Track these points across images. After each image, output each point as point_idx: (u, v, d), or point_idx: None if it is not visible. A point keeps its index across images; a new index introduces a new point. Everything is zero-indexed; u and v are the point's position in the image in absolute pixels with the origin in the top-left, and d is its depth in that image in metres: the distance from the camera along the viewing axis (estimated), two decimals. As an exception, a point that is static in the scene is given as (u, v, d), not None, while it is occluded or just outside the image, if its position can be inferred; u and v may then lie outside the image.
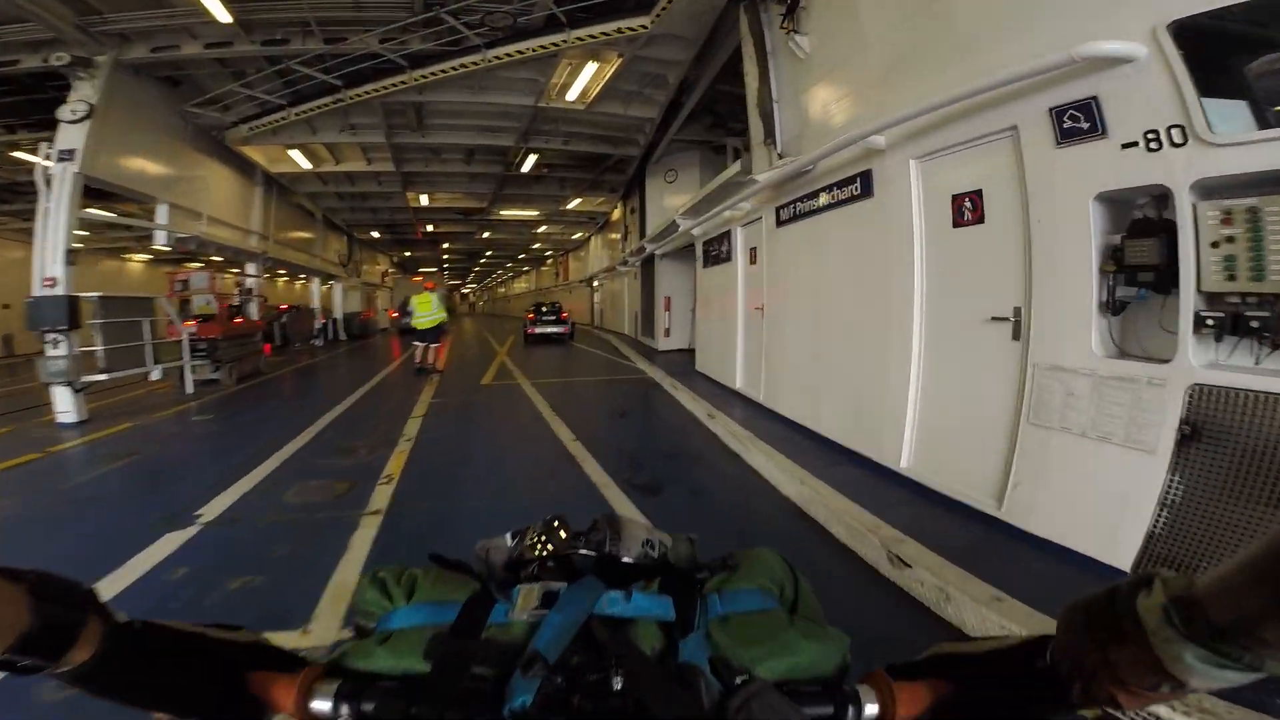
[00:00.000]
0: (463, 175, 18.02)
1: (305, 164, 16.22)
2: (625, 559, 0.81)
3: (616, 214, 23.15)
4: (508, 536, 0.90)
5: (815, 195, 6.15)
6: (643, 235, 16.97)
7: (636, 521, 0.88)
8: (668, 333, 15.33)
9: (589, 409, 8.62)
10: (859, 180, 5.33)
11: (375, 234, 28.14)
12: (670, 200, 15.36)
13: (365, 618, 0.74)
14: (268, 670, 0.63)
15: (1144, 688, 0.45)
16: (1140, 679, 0.44)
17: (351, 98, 11.60)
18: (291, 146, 14.95)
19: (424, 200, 20.76)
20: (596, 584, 0.70)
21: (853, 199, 5.46)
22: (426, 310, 12.89)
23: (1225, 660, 0.39)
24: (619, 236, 22.56)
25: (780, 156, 6.73)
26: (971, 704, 0.60)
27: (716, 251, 9.83)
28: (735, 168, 7.85)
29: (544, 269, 45.09)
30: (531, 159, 15.92)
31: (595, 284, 29.68)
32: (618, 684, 0.56)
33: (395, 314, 32.80)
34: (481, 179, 18.28)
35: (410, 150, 15.70)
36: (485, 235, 29.28)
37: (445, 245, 33.69)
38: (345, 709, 0.60)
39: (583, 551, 0.81)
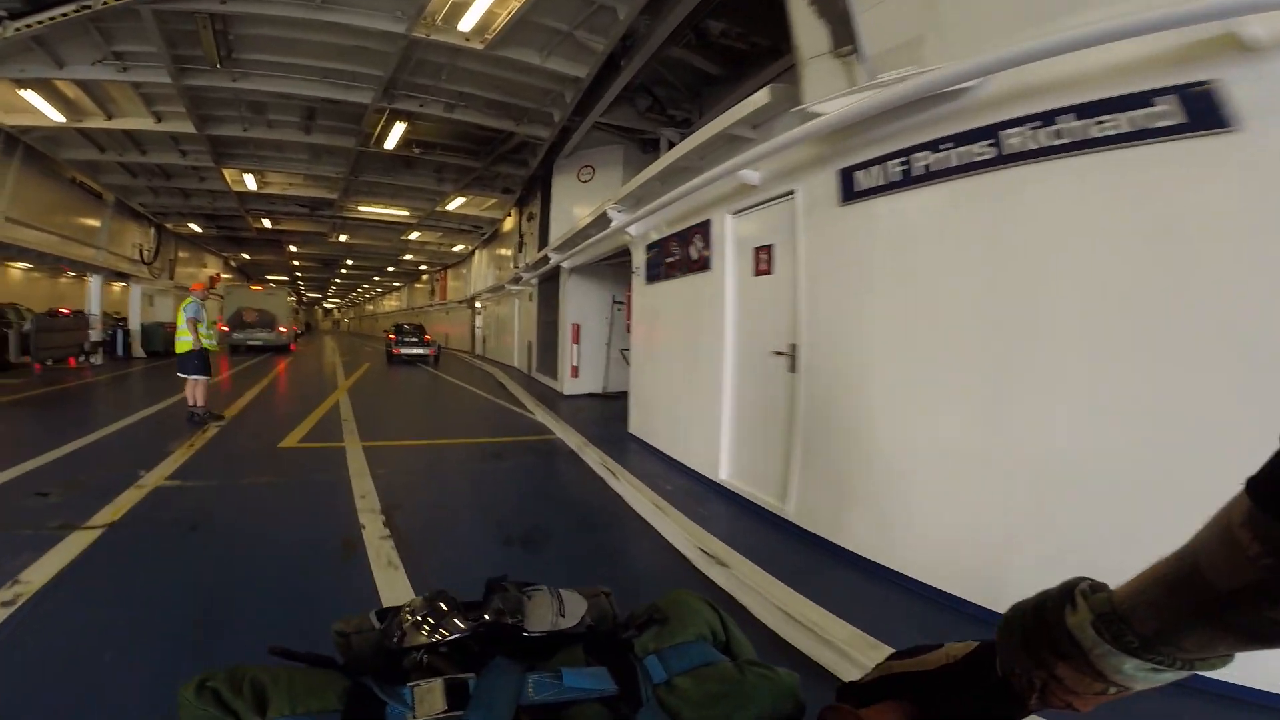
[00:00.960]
0: (301, 148, 13.51)
1: (53, 114, 11.12)
2: (536, 630, 0.71)
3: (509, 223, 19.32)
4: (373, 616, 0.77)
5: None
6: (544, 245, 13.33)
7: (535, 585, 0.78)
8: (576, 371, 11.66)
9: (458, 518, 4.68)
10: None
11: (195, 227, 22.16)
12: (583, 206, 11.92)
13: None
14: None
15: (1093, 693, 0.48)
16: (1088, 687, 0.47)
17: (105, 2, 7.39)
18: (25, 84, 9.94)
19: (250, 183, 15.78)
20: (512, 667, 0.62)
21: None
22: (180, 329, 8.44)
23: (1159, 665, 0.43)
24: (510, 252, 18.71)
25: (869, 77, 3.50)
26: None
27: (677, 256, 6.43)
28: (760, 98, 4.47)
29: (418, 286, 39.85)
30: (398, 130, 11.84)
31: (478, 305, 25.42)
32: None
33: (225, 327, 26.86)
34: (329, 155, 13.83)
35: (217, 102, 11.11)
36: (343, 238, 24.14)
37: (293, 248, 27.86)
38: None
39: (482, 627, 0.70)
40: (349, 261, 32.60)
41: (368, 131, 12.07)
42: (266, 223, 21.17)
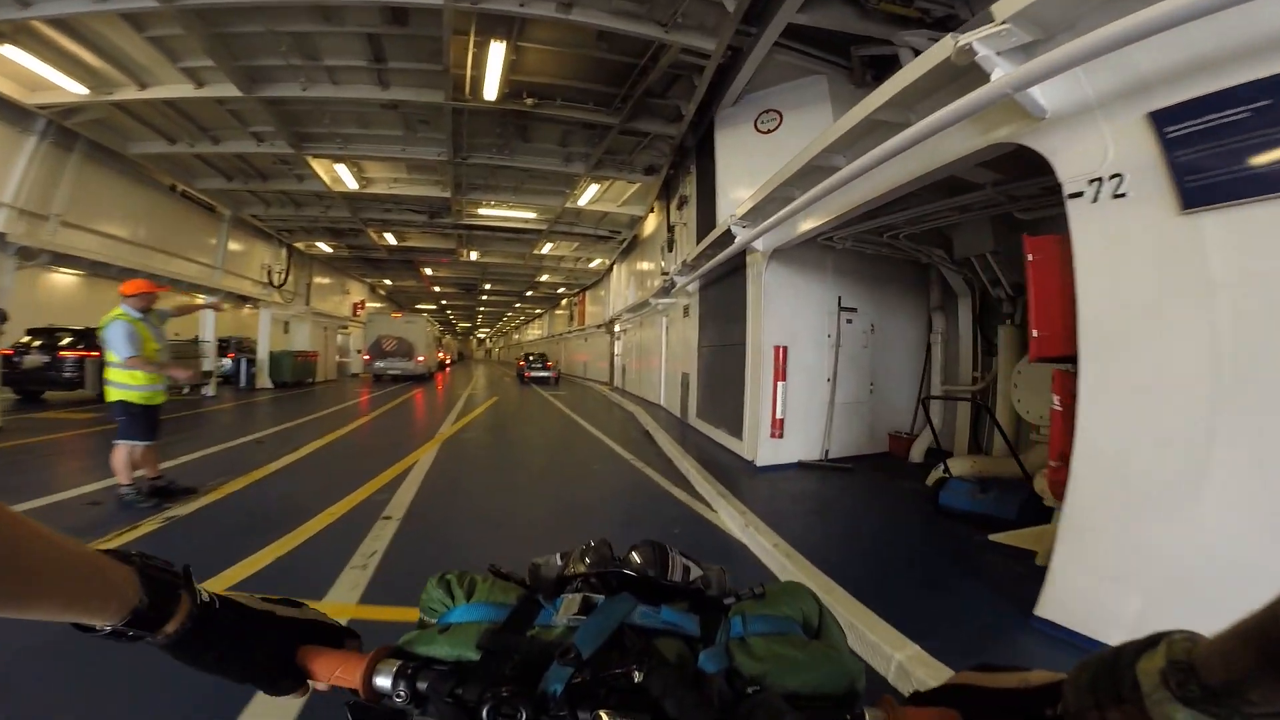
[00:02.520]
0: (387, 119, 10.23)
1: (72, 85, 8.83)
2: (663, 581, 0.88)
3: (653, 223, 15.17)
4: (557, 556, 0.99)
5: None
6: (706, 232, 8.81)
7: (674, 550, 0.93)
8: (779, 428, 6.72)
9: None
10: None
11: (324, 246, 20.55)
12: (763, 166, 7.12)
13: (429, 612, 0.83)
14: (322, 645, 0.72)
15: None
16: None
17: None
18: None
19: (348, 178, 12.97)
20: (630, 599, 0.76)
21: None
22: (114, 359, 4.99)
23: (1214, 718, 0.40)
24: (653, 264, 14.52)
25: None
26: None
27: None
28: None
29: (558, 312, 37.55)
30: (497, 59, 7.96)
31: (616, 329, 21.61)
32: (637, 679, 0.63)
33: (368, 356, 25.50)
34: (422, 126, 10.44)
35: (249, 42, 7.98)
36: (473, 256, 21.51)
37: (428, 270, 26.04)
38: (402, 686, 0.67)
39: (623, 571, 0.89)
40: (487, 286, 30.59)
41: (457, 72, 8.36)
42: (390, 238, 18.86)
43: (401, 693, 0.66)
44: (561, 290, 30.72)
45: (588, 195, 13.51)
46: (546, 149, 11.21)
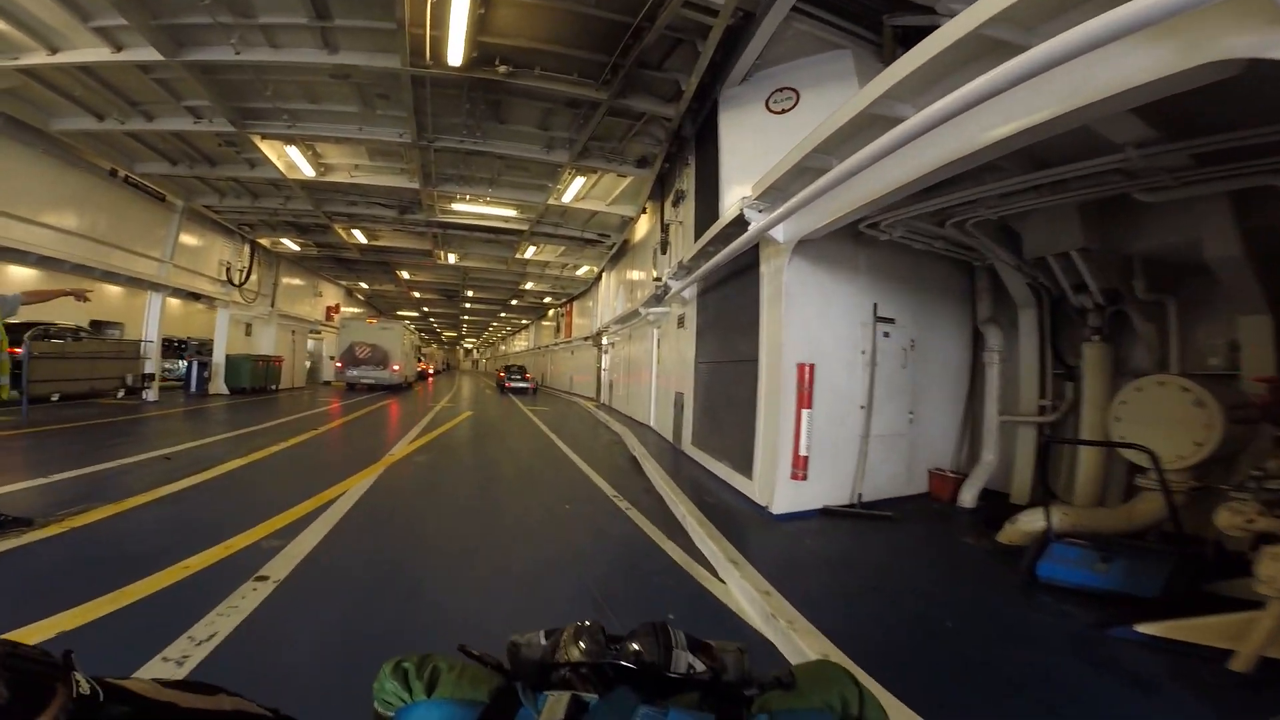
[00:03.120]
0: (339, 93, 8.86)
1: None
2: (667, 673, 0.75)
3: (645, 225, 13.93)
4: (541, 635, 0.85)
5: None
6: (705, 228, 7.47)
7: (680, 630, 0.81)
8: (803, 467, 5.22)
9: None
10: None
11: (290, 243, 19.02)
12: (776, 146, 5.71)
13: (384, 706, 0.73)
14: None
15: None
16: None
17: None
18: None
19: (302, 164, 11.52)
20: (630, 697, 0.66)
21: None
22: None
23: None
24: (643, 274, 13.26)
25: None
26: None
27: None
28: None
29: (545, 323, 36.10)
30: (462, 13, 6.62)
31: (604, 341, 20.22)
32: None
33: (340, 364, 24.06)
34: (381, 101, 9.06)
35: (172, 6, 6.65)
36: (452, 259, 20.08)
37: (405, 274, 24.55)
38: None
39: (620, 662, 0.76)
40: (469, 293, 29.11)
41: (414, 31, 7.01)
42: (359, 235, 17.38)
43: None
44: (548, 300, 29.30)
45: (573, 190, 12.16)
46: (525, 132, 9.84)
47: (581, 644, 0.78)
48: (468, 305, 34.40)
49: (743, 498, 5.93)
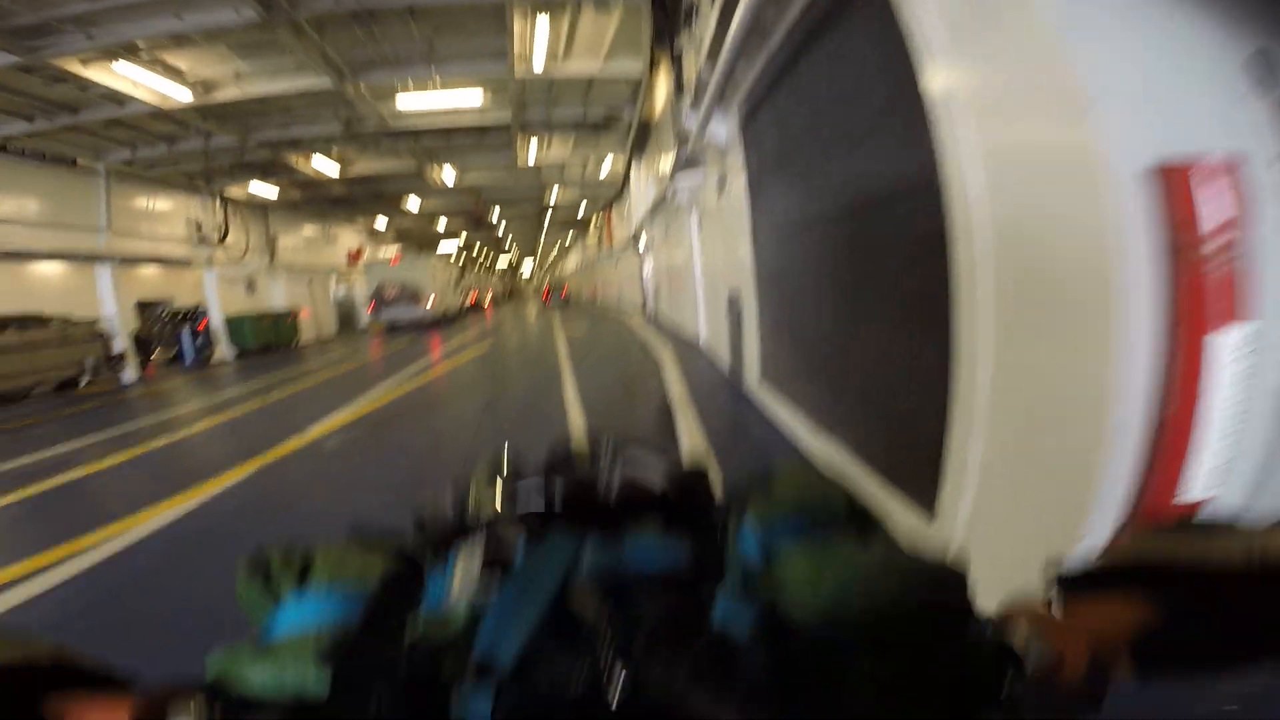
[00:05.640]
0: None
1: None
2: (608, 491, 0.60)
3: (662, 94, 9.97)
4: (446, 492, 0.67)
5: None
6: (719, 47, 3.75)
7: (624, 441, 0.67)
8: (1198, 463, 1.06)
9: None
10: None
11: (262, 189, 16.25)
12: None
13: (252, 619, 0.53)
14: (82, 695, 0.42)
15: None
16: None
17: None
18: None
19: (158, 84, 8.41)
20: (566, 537, 0.49)
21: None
22: None
23: None
24: (668, 154, 9.34)
25: None
26: (1186, 644, 0.39)
27: None
28: None
29: (589, 238, 32.55)
30: None
31: (642, 243, 16.59)
32: (618, 689, 0.36)
33: (373, 306, 22.46)
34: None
35: None
36: (447, 175, 16.74)
37: (413, 207, 21.49)
38: None
39: (538, 494, 0.60)
40: (496, 216, 25.89)
41: None
42: (325, 166, 14.32)
43: None
44: (584, 212, 25.66)
45: (541, 44, 8.36)
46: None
47: (492, 482, 0.62)
48: (501, 230, 31.28)
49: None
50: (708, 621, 0.41)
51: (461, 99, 10.31)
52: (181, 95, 8.90)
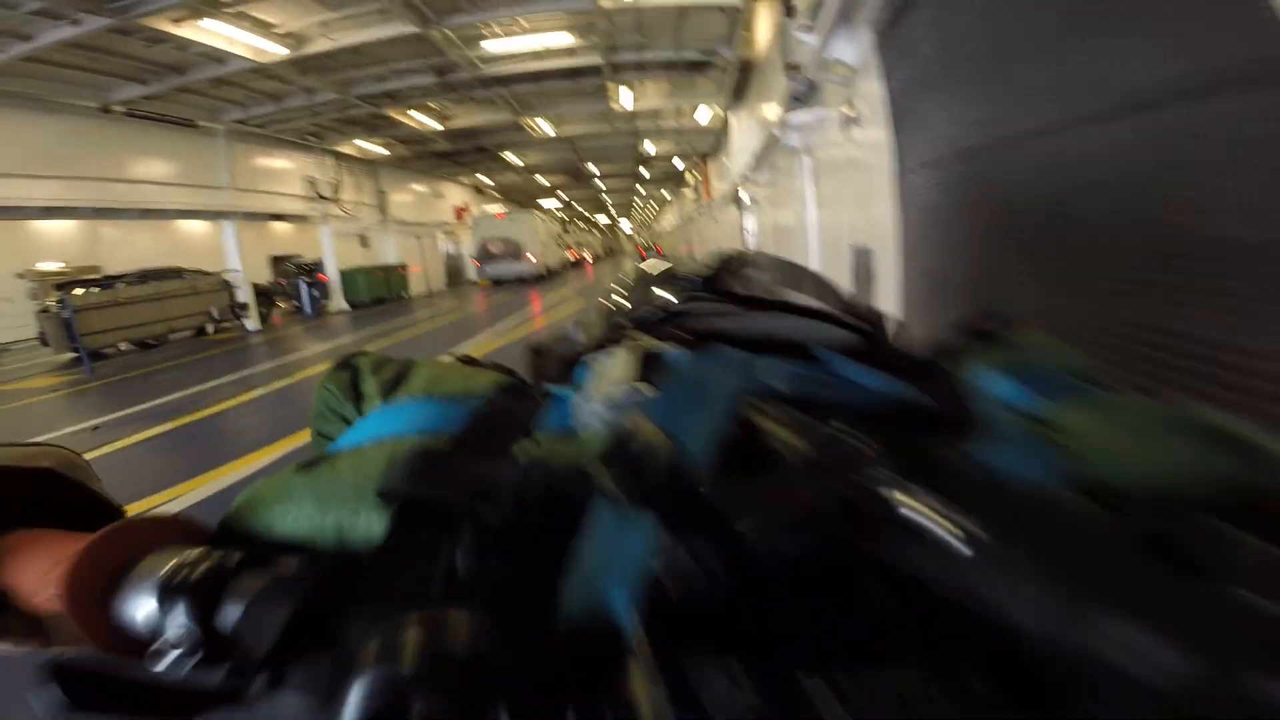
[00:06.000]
0: None
1: None
2: (800, 306, 0.46)
3: (765, 30, 8.99)
4: (571, 325, 0.57)
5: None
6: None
7: (796, 265, 0.56)
8: None
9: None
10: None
11: (370, 145, 16.85)
12: None
13: (322, 423, 0.43)
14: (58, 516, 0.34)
15: None
16: None
17: None
18: None
19: (251, 39, 8.62)
20: (736, 353, 0.36)
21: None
22: None
23: None
24: (775, 108, 8.24)
25: None
26: None
27: None
28: None
29: (686, 192, 31.48)
30: None
31: (744, 197, 15.55)
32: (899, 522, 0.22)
33: (479, 261, 23.33)
34: None
35: None
36: (543, 125, 16.49)
37: (514, 159, 21.55)
38: (178, 620, 0.27)
39: (714, 294, 0.48)
40: (592, 169, 25.54)
41: None
42: (426, 120, 14.48)
43: (175, 636, 0.26)
44: (681, 164, 24.73)
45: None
46: None
47: (649, 291, 0.49)
48: (599, 183, 30.96)
49: None
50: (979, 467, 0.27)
51: (549, 40, 9.86)
52: (276, 49, 9.11)
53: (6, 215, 9.63)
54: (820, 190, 7.68)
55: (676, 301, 0.47)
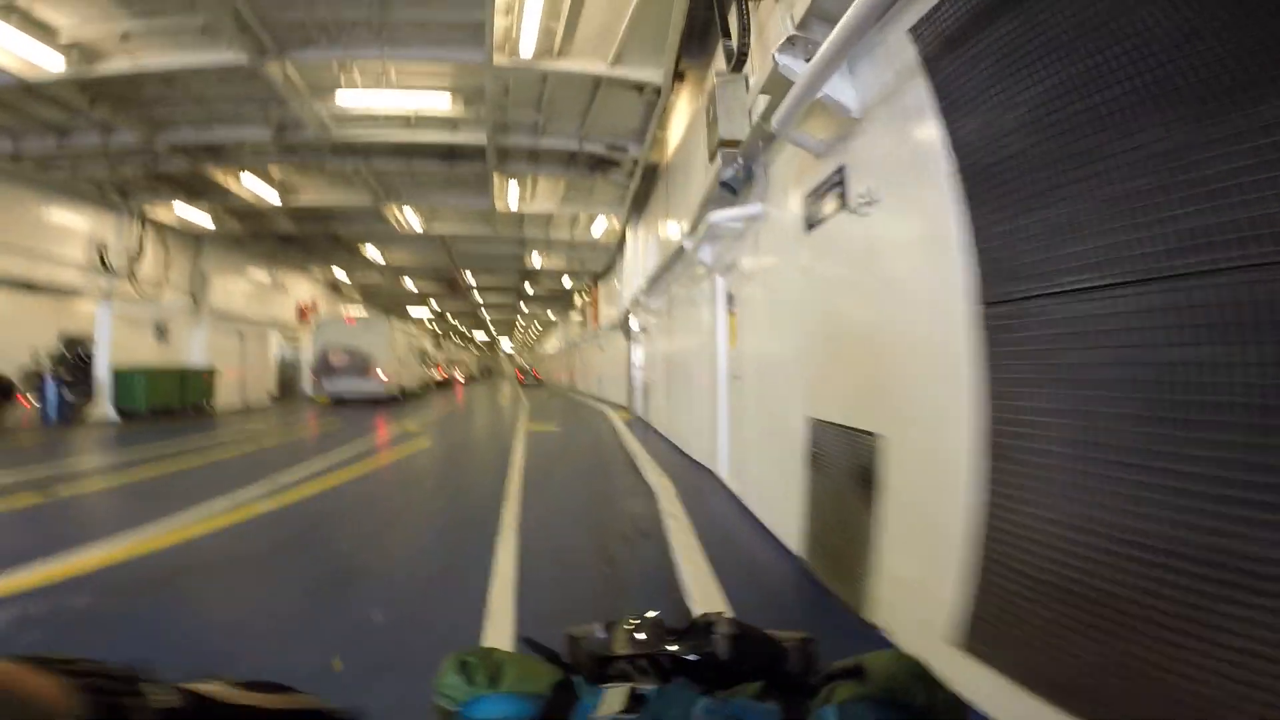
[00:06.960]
0: None
1: None
2: (726, 663, 0.71)
3: (683, 118, 7.82)
4: (598, 627, 0.80)
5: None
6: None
7: (743, 623, 0.76)
8: None
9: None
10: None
11: (187, 210, 13.69)
12: None
13: (447, 700, 0.69)
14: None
15: None
16: None
17: None
18: None
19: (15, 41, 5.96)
20: (688, 688, 0.63)
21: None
22: None
23: None
24: (682, 224, 6.99)
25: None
26: None
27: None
28: None
29: (574, 316, 30.25)
30: None
31: (634, 325, 13.99)
32: None
33: (316, 374, 19.14)
34: None
35: None
36: (413, 220, 14.40)
37: (375, 257, 19.02)
38: None
39: (673, 650, 0.72)
40: (470, 279, 23.57)
41: None
42: (257, 185, 11.84)
43: None
44: (570, 283, 23.46)
45: (533, 17, 6.12)
46: None
47: (638, 635, 0.74)
48: (478, 296, 28.92)
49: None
50: None
51: (424, 101, 8.00)
52: (52, 62, 6.49)
53: None
54: (752, 318, 5.76)
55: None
